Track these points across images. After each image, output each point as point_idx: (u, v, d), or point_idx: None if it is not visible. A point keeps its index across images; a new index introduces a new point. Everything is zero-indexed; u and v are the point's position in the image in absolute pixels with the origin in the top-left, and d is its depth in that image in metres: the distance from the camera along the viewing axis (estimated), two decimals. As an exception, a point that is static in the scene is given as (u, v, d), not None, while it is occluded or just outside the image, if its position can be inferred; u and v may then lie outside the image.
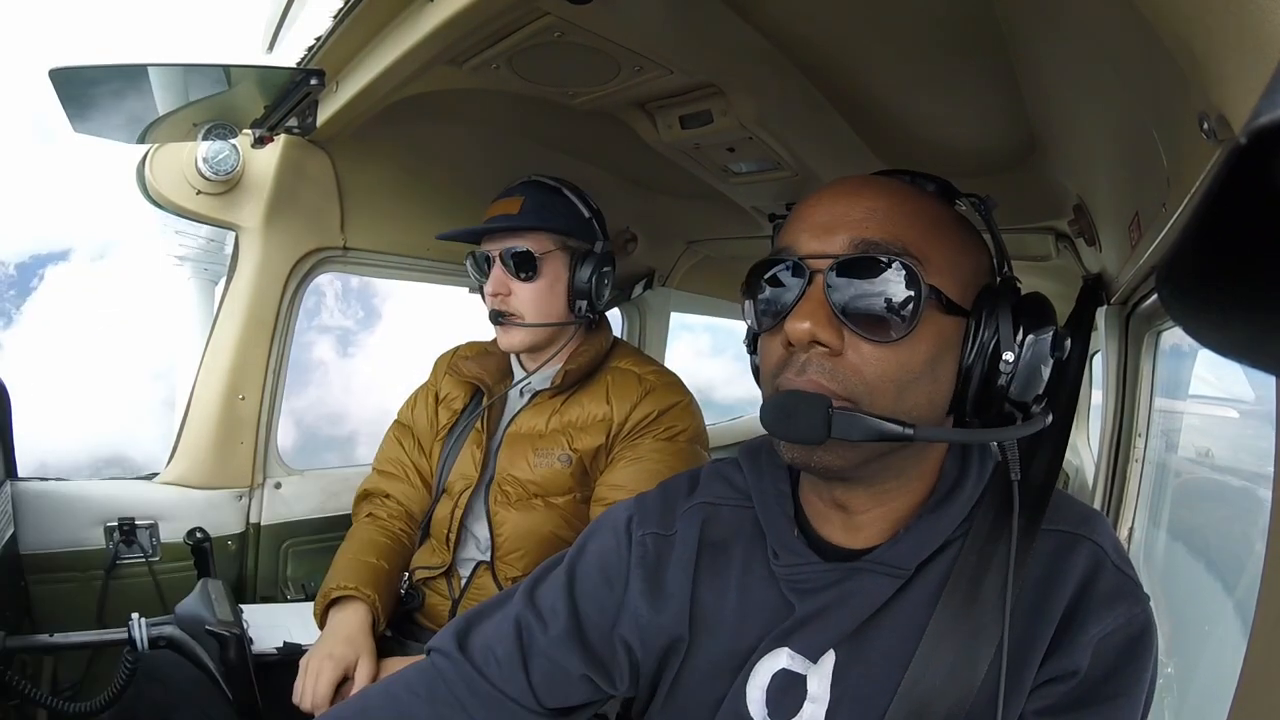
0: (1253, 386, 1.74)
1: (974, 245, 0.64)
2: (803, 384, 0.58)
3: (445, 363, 1.44)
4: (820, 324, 0.57)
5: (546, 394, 1.29)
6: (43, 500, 1.35)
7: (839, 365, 0.58)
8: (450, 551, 1.26)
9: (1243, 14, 0.34)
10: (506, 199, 1.27)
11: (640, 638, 0.72)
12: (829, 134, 1.29)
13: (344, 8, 1.03)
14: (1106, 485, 1.41)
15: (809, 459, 0.60)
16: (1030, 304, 0.61)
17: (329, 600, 1.17)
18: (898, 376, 0.58)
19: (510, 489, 1.24)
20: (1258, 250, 0.21)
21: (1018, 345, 0.59)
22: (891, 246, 0.58)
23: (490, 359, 1.37)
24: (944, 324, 0.59)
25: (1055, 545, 0.61)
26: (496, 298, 1.24)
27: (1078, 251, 1.49)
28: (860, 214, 0.60)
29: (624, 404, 1.25)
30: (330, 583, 1.19)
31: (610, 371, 1.30)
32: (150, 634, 1.02)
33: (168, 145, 1.36)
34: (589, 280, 1.25)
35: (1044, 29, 0.80)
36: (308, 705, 1.06)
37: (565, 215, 1.26)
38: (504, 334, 1.27)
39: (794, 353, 0.59)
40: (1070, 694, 0.58)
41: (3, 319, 19.03)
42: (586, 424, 1.25)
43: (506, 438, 1.29)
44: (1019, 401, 0.60)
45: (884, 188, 0.62)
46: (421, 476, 1.38)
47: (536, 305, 1.25)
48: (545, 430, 1.27)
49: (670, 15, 1.00)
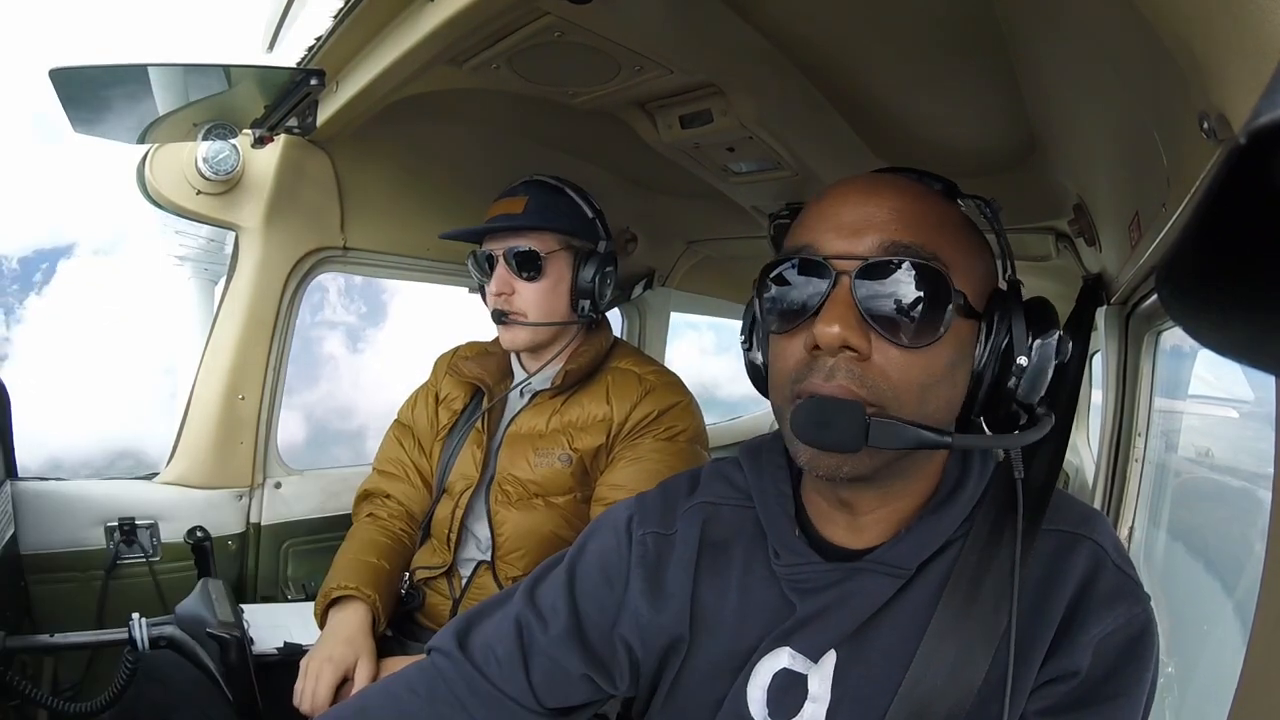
0: (1252, 387, 1.74)
1: (983, 248, 0.65)
2: (832, 389, 0.57)
3: (445, 363, 1.44)
4: (850, 328, 0.56)
5: (547, 394, 1.29)
6: (43, 500, 1.35)
7: (867, 370, 0.57)
8: (451, 551, 1.26)
9: (1243, 14, 0.34)
10: (510, 198, 1.27)
11: (640, 637, 0.72)
12: (829, 134, 1.29)
13: (344, 8, 1.03)
14: (1106, 485, 1.41)
15: (839, 467, 0.58)
16: (1037, 308, 0.62)
17: (329, 600, 1.18)
18: (922, 381, 0.58)
19: (511, 489, 1.25)
20: (1258, 250, 0.21)
21: (1029, 349, 0.59)
22: (922, 250, 0.57)
23: (490, 359, 1.37)
24: (963, 328, 0.60)
25: (1055, 545, 0.61)
26: (500, 297, 1.24)
27: (1078, 251, 1.49)
28: (886, 215, 0.59)
29: (624, 404, 1.25)
30: (330, 582, 1.19)
31: (610, 371, 1.30)
32: (150, 634, 1.02)
33: (168, 145, 1.36)
34: (592, 280, 1.26)
35: (1044, 29, 0.80)
36: (307, 708, 1.06)
37: (569, 215, 1.27)
38: (507, 333, 1.27)
39: (819, 356, 0.58)
40: (1071, 694, 0.58)
41: (7, 313, 19.03)
42: (587, 424, 1.25)
43: (507, 438, 1.29)
44: (1025, 403, 0.61)
45: (905, 189, 0.62)
46: (422, 476, 1.38)
47: (540, 305, 1.25)
48: (545, 430, 1.27)
49: (670, 15, 1.00)
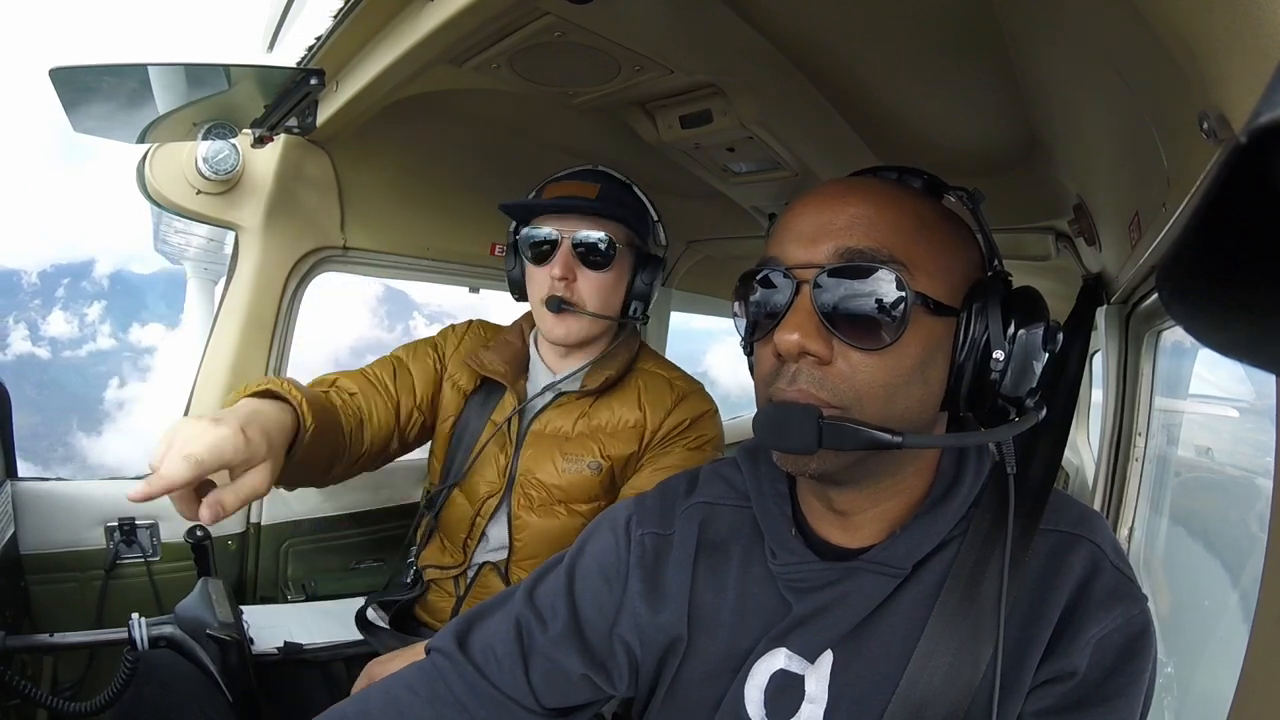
0: (1253, 385, 1.74)
1: (963, 242, 0.64)
2: (794, 394, 0.59)
3: (456, 340, 1.34)
4: (809, 334, 0.58)
5: (573, 394, 1.23)
6: (43, 500, 1.35)
7: (828, 374, 0.59)
8: (467, 555, 1.22)
9: (1243, 14, 0.34)
10: (579, 181, 1.19)
11: (639, 638, 0.72)
12: (829, 134, 1.29)
13: (344, 8, 1.03)
14: (1107, 484, 1.41)
15: (803, 466, 0.61)
16: (1020, 298, 0.61)
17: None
18: (887, 382, 0.58)
19: (534, 493, 1.20)
20: (1258, 250, 0.21)
21: (1008, 342, 0.59)
22: (877, 254, 0.58)
23: (509, 349, 1.28)
24: (933, 325, 0.60)
25: (1053, 545, 0.61)
26: (562, 282, 1.15)
27: (1078, 251, 1.49)
28: (844, 221, 0.60)
29: (658, 411, 1.21)
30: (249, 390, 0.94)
31: (639, 374, 1.26)
32: (150, 634, 1.02)
33: (168, 145, 1.36)
34: (649, 284, 1.21)
35: (1044, 29, 0.80)
36: (154, 462, 0.74)
37: (637, 212, 1.21)
38: (559, 323, 1.17)
39: (785, 362, 0.60)
40: (1069, 695, 0.58)
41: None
42: (617, 429, 1.21)
43: (530, 436, 1.22)
44: (1012, 397, 0.60)
45: (868, 193, 0.62)
46: (398, 413, 1.23)
47: (601, 298, 1.17)
48: (572, 433, 1.21)
49: (670, 15, 1.00)
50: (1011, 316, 0.59)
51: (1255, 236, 0.21)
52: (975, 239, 0.66)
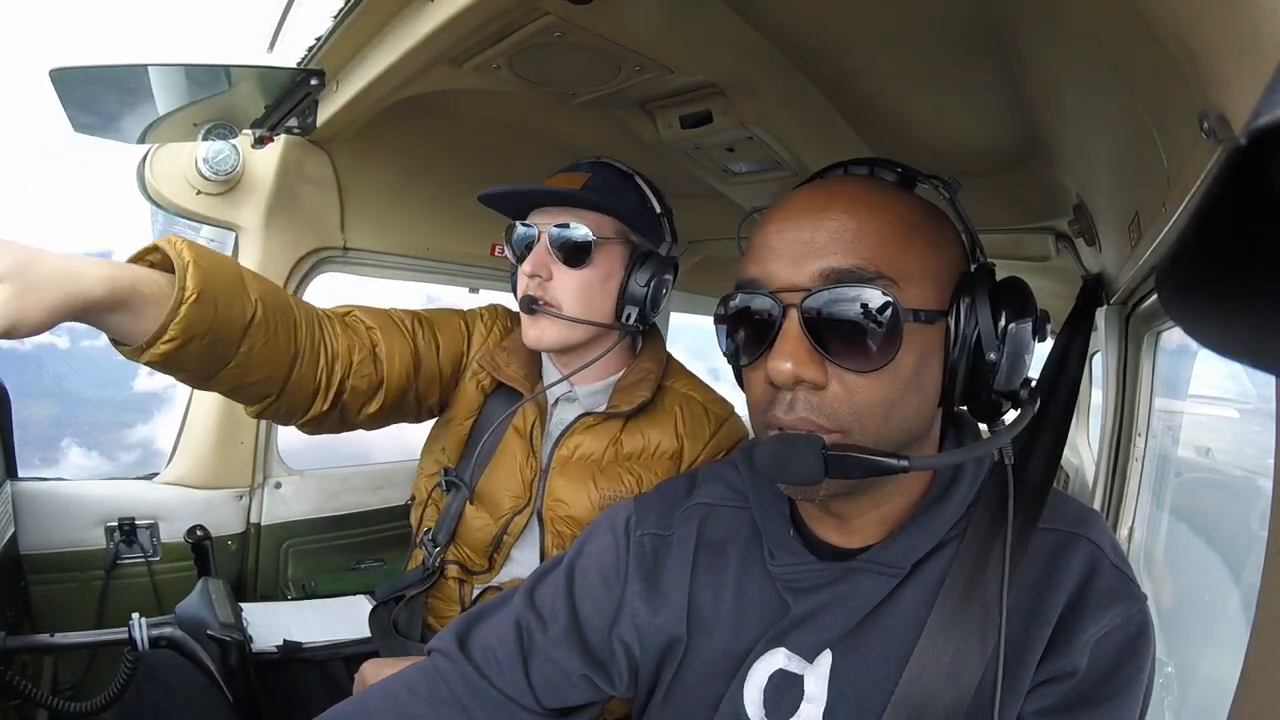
0: (1254, 386, 1.74)
1: (946, 238, 0.62)
2: (793, 422, 0.58)
3: (484, 332, 1.20)
4: (802, 361, 0.56)
5: (600, 415, 1.12)
6: (43, 500, 1.35)
7: (825, 399, 0.57)
8: (495, 570, 1.14)
9: (1243, 14, 0.34)
10: (567, 173, 1.09)
11: (639, 638, 0.72)
12: (829, 134, 1.29)
13: (344, 8, 1.03)
14: (1106, 485, 1.41)
15: (810, 495, 0.61)
16: (1007, 291, 0.59)
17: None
18: (884, 399, 0.57)
19: (566, 530, 1.09)
20: (1258, 250, 0.21)
21: (999, 339, 0.58)
22: (864, 271, 0.56)
23: (524, 352, 1.16)
24: (926, 334, 0.58)
25: (1052, 545, 0.61)
26: (534, 280, 1.04)
27: (1078, 251, 1.49)
28: (825, 238, 0.57)
29: (697, 441, 1.13)
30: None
31: (671, 395, 1.16)
32: (150, 634, 1.03)
33: (168, 145, 1.36)
34: (646, 285, 1.06)
35: (1044, 29, 0.80)
36: None
37: (633, 204, 1.09)
38: (533, 326, 1.07)
39: (780, 390, 0.58)
40: (1068, 694, 0.58)
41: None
42: (652, 458, 1.11)
43: (555, 460, 1.11)
44: (1006, 391, 0.60)
45: (848, 202, 0.59)
46: (417, 367, 1.10)
47: (579, 297, 1.05)
48: (603, 461, 1.11)
49: (670, 15, 1.00)
50: (1001, 310, 0.58)
51: (1255, 237, 0.21)
52: (956, 231, 0.64)
